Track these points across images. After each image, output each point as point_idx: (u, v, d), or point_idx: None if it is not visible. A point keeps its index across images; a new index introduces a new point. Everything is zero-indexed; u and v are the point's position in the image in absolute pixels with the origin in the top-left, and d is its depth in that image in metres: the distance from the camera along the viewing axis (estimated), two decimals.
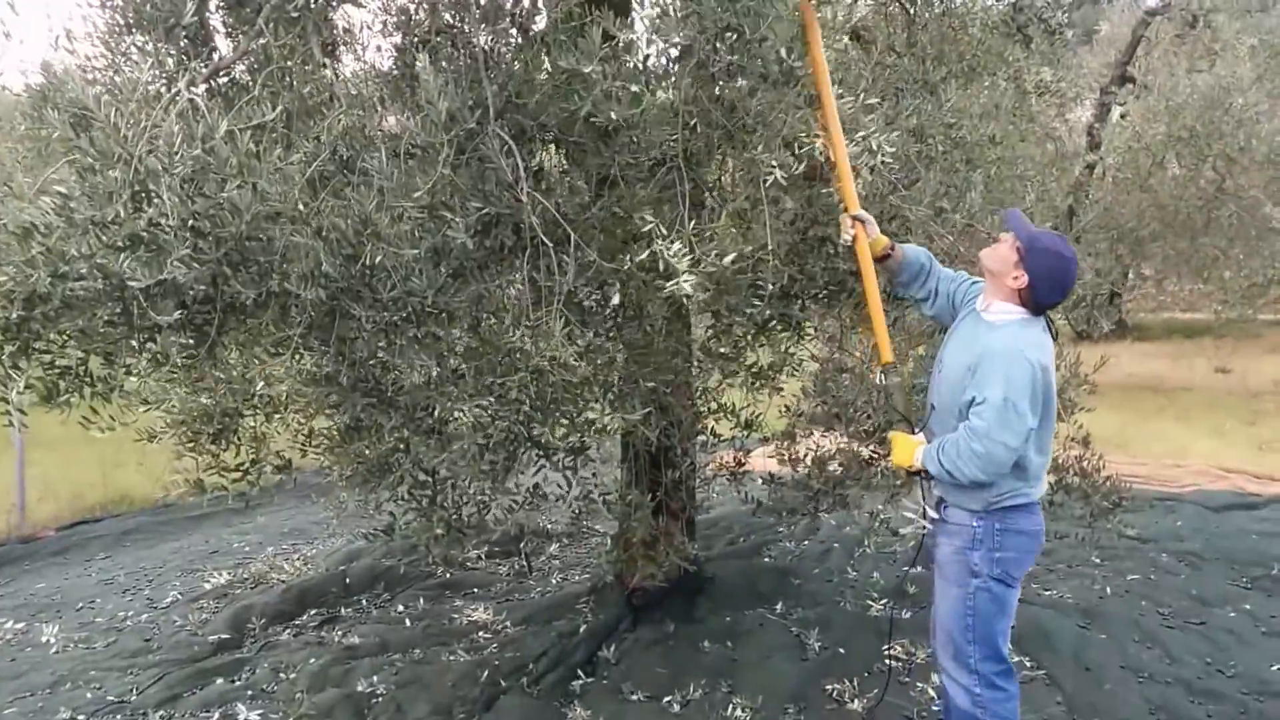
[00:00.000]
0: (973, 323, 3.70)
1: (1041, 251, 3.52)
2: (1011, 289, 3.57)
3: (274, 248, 2.98)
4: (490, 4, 3.94)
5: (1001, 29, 5.39)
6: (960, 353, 3.62)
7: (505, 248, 3.62)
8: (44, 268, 2.76)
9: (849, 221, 3.75)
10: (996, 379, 3.42)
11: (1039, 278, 3.52)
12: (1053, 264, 3.53)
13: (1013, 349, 3.45)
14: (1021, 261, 3.53)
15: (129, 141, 2.83)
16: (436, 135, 3.24)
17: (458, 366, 3.65)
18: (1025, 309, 3.59)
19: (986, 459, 3.43)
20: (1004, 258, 3.57)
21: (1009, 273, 3.56)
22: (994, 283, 3.64)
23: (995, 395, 3.40)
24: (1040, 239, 3.56)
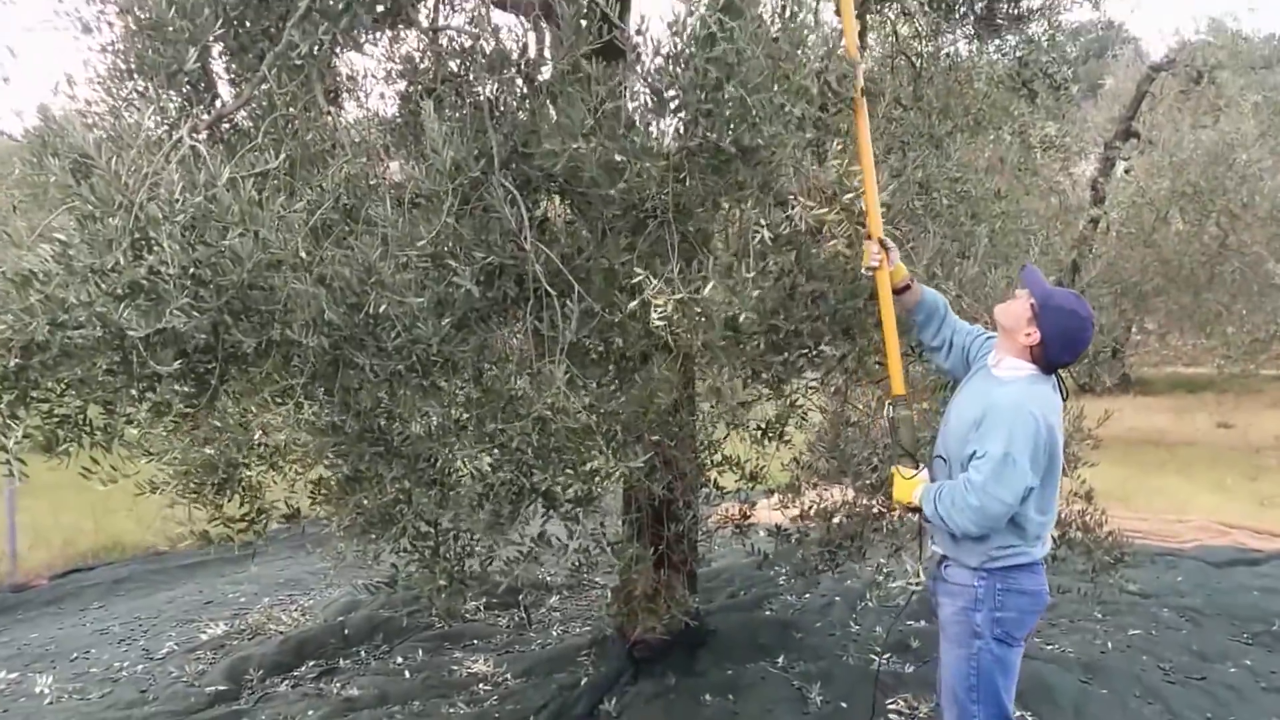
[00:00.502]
0: (982, 378, 3.67)
1: (1056, 310, 3.49)
2: (1023, 345, 3.54)
3: (276, 296, 2.95)
4: (495, 54, 3.94)
5: (1007, 83, 5.41)
6: (967, 407, 3.59)
7: (508, 297, 3.59)
8: (43, 316, 2.73)
9: (875, 247, 3.72)
10: (1000, 434, 3.38)
11: (1052, 336, 3.49)
12: (1067, 323, 3.49)
13: (1019, 405, 3.41)
14: (1035, 319, 3.50)
15: (129, 188, 2.81)
16: (441, 184, 3.22)
17: (460, 416, 3.61)
18: (1036, 366, 3.55)
19: (980, 512, 3.41)
20: (1017, 314, 3.54)
21: (1021, 329, 3.53)
22: (1006, 338, 3.61)
23: (996, 449, 3.37)
24: (1055, 297, 3.53)
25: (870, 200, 3.71)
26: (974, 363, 3.82)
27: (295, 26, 3.35)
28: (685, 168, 3.53)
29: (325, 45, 3.48)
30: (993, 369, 3.64)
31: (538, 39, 4.16)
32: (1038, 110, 5.96)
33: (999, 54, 5.43)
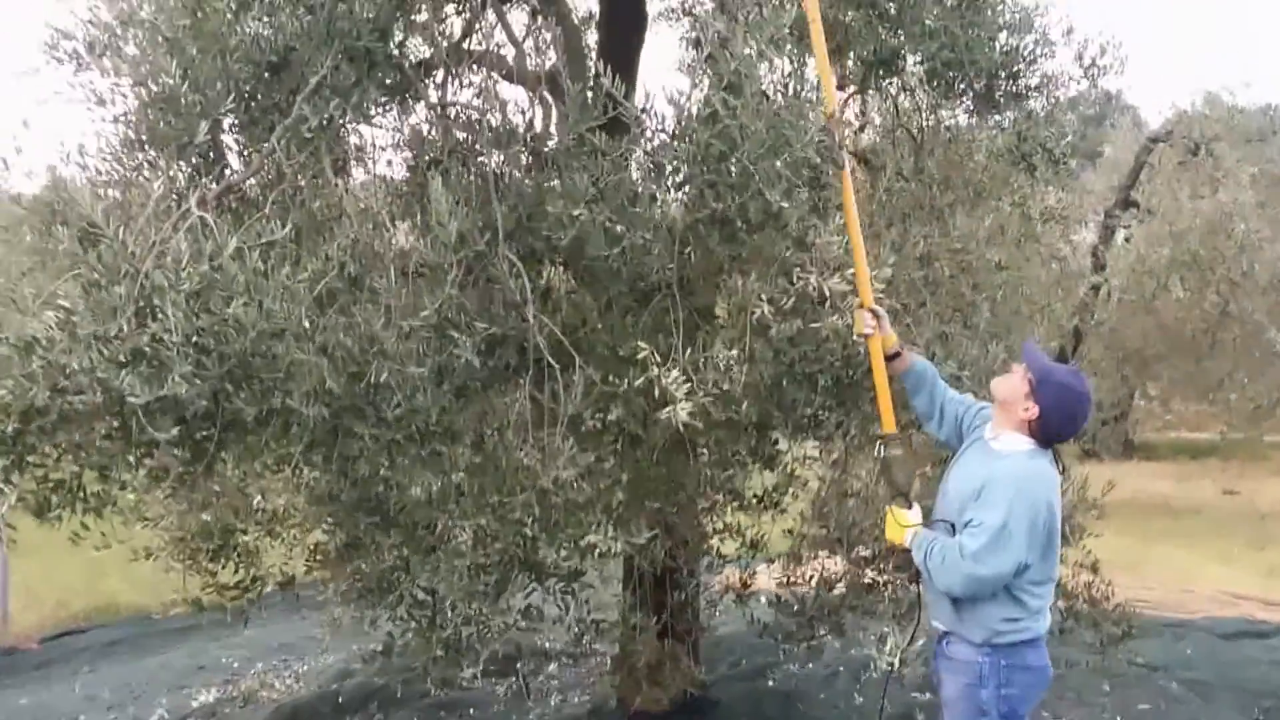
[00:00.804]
0: (980, 450, 3.67)
1: (1054, 385, 3.50)
2: (1021, 419, 3.54)
3: (278, 364, 2.96)
4: (502, 127, 3.99)
5: (1007, 157, 5.45)
6: (965, 479, 3.58)
7: (510, 367, 3.61)
8: (43, 381, 2.74)
9: (867, 316, 3.74)
10: (999, 506, 3.38)
11: (1050, 410, 3.50)
12: (1065, 398, 3.51)
13: (1019, 480, 3.42)
14: (1033, 393, 3.51)
15: (136, 257, 2.84)
16: (446, 256, 3.25)
17: (460, 482, 3.62)
18: (1034, 440, 3.55)
19: (969, 579, 3.42)
20: (1015, 388, 3.55)
21: (1019, 403, 3.53)
22: (1004, 412, 3.61)
23: (994, 520, 3.36)
24: (1053, 372, 3.54)
25: (860, 269, 3.75)
26: (968, 434, 3.82)
27: (306, 100, 3.40)
28: (690, 241, 3.56)
29: (335, 119, 3.53)
30: (990, 442, 3.64)
31: (544, 113, 4.22)
32: (1037, 182, 6.01)
33: (998, 129, 5.48)
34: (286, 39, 3.52)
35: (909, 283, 4.65)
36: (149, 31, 3.47)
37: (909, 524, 3.69)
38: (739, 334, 3.61)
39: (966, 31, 4.52)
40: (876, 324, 3.78)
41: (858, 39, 4.52)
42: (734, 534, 4.99)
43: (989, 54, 4.71)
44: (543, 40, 5.26)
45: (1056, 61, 5.16)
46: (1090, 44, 5.38)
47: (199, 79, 3.35)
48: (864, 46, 4.58)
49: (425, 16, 4.23)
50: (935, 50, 4.52)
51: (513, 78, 4.64)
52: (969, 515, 3.47)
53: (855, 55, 4.78)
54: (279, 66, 3.57)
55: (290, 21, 3.52)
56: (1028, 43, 4.96)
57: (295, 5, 3.57)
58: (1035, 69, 5.07)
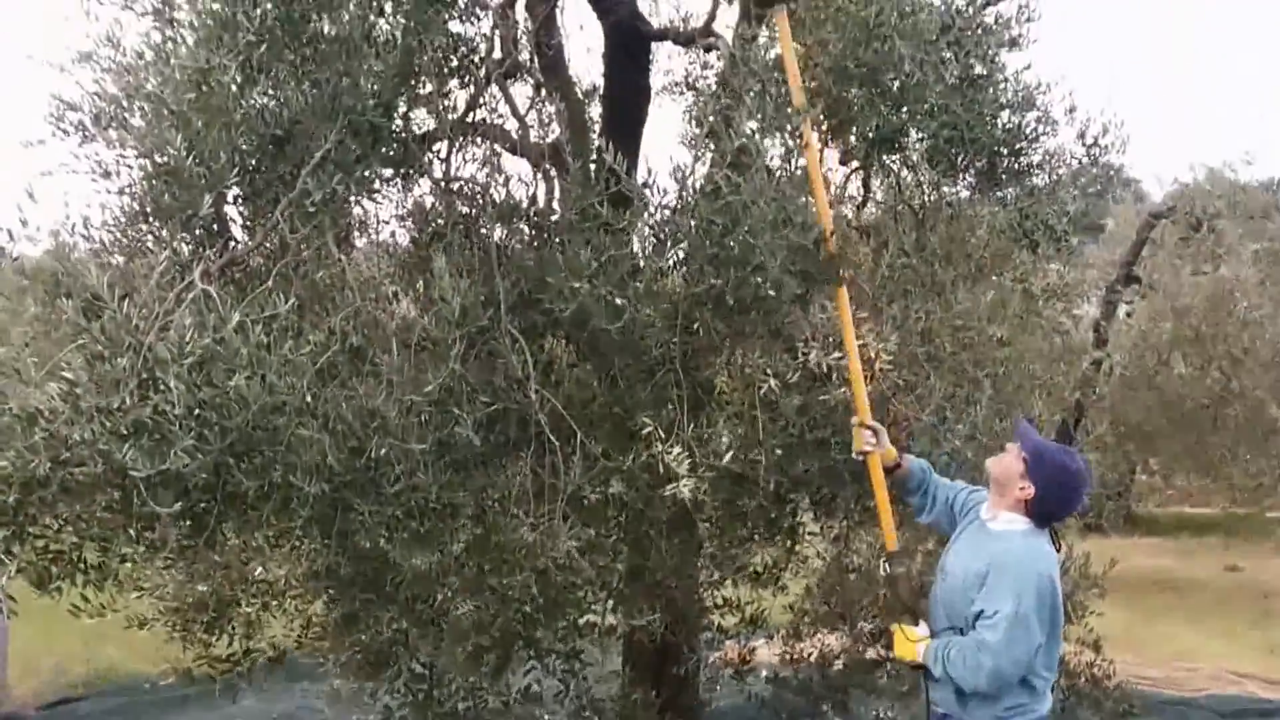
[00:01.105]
0: (977, 530, 3.64)
1: (1048, 464, 3.48)
2: (1017, 499, 3.51)
3: (279, 438, 2.96)
4: (506, 200, 4.02)
5: (1009, 233, 5.48)
6: (966, 561, 3.55)
7: (511, 442, 3.60)
8: (45, 453, 2.74)
9: (866, 433, 3.74)
10: (1007, 592, 3.34)
11: (1045, 489, 3.47)
12: (1060, 477, 3.48)
13: (1022, 561, 3.39)
14: (1028, 473, 3.48)
15: (139, 330, 2.84)
16: (448, 331, 3.25)
17: (460, 555, 3.59)
18: (1031, 520, 3.52)
19: (994, 674, 3.36)
20: (1009, 467, 3.53)
21: (1015, 483, 3.51)
22: (999, 492, 3.58)
23: (1007, 609, 3.32)
24: (1048, 451, 3.52)
25: (857, 384, 3.76)
26: (960, 515, 3.80)
27: (310, 174, 3.43)
28: (693, 315, 3.57)
29: (338, 193, 3.55)
30: (988, 522, 3.61)
31: (548, 188, 4.26)
32: (1039, 259, 6.03)
33: (1000, 205, 5.50)
34: (292, 112, 3.55)
35: (911, 358, 4.64)
36: (155, 104, 3.49)
37: (918, 639, 3.64)
38: (745, 408, 3.60)
39: (968, 110, 4.57)
40: (875, 440, 3.78)
41: (860, 116, 4.56)
42: (734, 609, 4.94)
43: (991, 132, 4.75)
44: (546, 114, 5.32)
45: (1059, 139, 5.21)
46: (1092, 122, 5.41)
47: (204, 152, 3.37)
48: (866, 123, 4.62)
49: (429, 90, 4.28)
50: (937, 128, 4.56)
51: (516, 150, 4.68)
52: (978, 606, 3.42)
53: (858, 132, 4.82)
54: (283, 140, 3.60)
55: (295, 95, 3.56)
56: (1030, 121, 5.01)
57: (300, 79, 3.61)
58: (1037, 146, 5.11)
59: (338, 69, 3.67)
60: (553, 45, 5.13)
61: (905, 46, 4.17)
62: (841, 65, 4.22)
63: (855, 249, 3.98)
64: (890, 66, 4.25)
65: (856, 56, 4.22)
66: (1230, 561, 16.16)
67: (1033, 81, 4.97)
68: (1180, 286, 13.15)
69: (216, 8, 3.51)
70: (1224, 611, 12.65)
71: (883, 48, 4.22)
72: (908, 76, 4.28)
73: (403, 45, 3.88)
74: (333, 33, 3.68)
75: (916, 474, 3.92)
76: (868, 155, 5.04)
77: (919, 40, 4.23)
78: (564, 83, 5.21)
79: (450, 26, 4.24)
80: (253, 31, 3.47)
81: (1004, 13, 4.87)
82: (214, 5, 3.52)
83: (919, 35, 4.24)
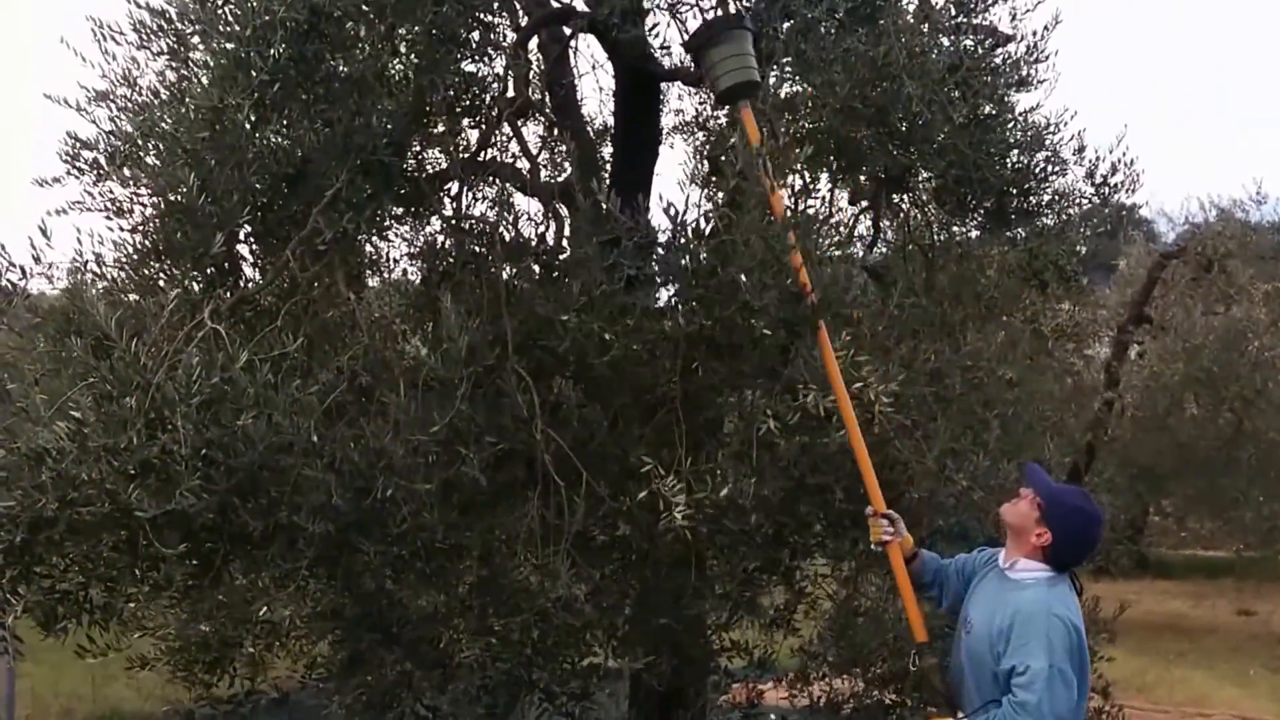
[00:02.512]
0: (997, 580, 3.56)
1: (1064, 508, 3.43)
2: (1034, 545, 3.45)
3: (285, 478, 2.96)
4: (515, 240, 4.03)
5: (1018, 273, 5.47)
6: (989, 613, 3.46)
7: (518, 482, 3.59)
8: (52, 492, 2.74)
9: (883, 524, 3.69)
10: (1038, 646, 3.23)
11: (1062, 535, 3.41)
12: (1077, 522, 3.43)
13: (1047, 611, 3.29)
14: (1044, 519, 3.43)
15: (148, 369, 2.85)
16: (456, 371, 3.25)
17: (465, 597, 3.57)
18: (1049, 566, 3.47)
19: None
20: (1024, 514, 3.47)
21: (1031, 529, 3.44)
22: (1016, 540, 3.53)
23: (1040, 664, 3.20)
24: (1062, 495, 3.48)
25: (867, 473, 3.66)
26: (972, 572, 3.74)
27: (321, 213, 3.44)
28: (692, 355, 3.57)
29: (350, 231, 3.57)
30: (1007, 571, 3.54)
31: (557, 227, 4.27)
32: (1049, 299, 6.02)
33: (1009, 245, 5.49)
34: (304, 151, 3.57)
35: (919, 399, 4.62)
36: (169, 142, 3.51)
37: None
38: (745, 448, 3.59)
39: (977, 150, 4.56)
40: (893, 529, 3.71)
41: (869, 156, 4.57)
42: (741, 652, 4.89)
43: (1000, 172, 4.75)
44: (558, 153, 5.35)
45: (1068, 178, 5.20)
46: (1102, 161, 5.38)
47: (216, 190, 3.39)
48: (875, 163, 4.63)
49: (441, 129, 4.30)
50: (945, 168, 4.56)
51: (527, 189, 4.70)
52: (1008, 663, 3.30)
53: (866, 171, 4.83)
54: (295, 178, 3.62)
55: (308, 134, 3.58)
56: (1039, 161, 5.00)
57: (313, 118, 3.63)
58: (1046, 186, 5.10)
59: (350, 108, 3.69)
60: (565, 85, 5.17)
61: (914, 86, 4.18)
62: (849, 105, 4.23)
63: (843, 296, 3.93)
64: (898, 106, 4.25)
65: (864, 96, 4.23)
66: (1243, 605, 16.01)
67: (1042, 121, 4.96)
68: (1192, 327, 13.09)
69: (231, 48, 3.53)
70: (1237, 656, 12.52)
71: (891, 87, 4.23)
72: (916, 116, 4.28)
73: (415, 85, 3.91)
74: (346, 72, 3.70)
75: (930, 566, 3.84)
76: (876, 194, 5.05)
77: (927, 80, 4.24)
78: (576, 122, 5.24)
79: (463, 66, 4.27)
80: (266, 71, 3.49)
81: (1013, 53, 4.88)
82: (228, 45, 3.54)
83: (927, 75, 4.24)
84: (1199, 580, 18.57)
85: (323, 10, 3.52)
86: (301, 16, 3.48)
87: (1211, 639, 13.73)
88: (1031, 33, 4.88)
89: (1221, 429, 13.58)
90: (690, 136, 6.64)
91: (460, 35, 4.04)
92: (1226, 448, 13.66)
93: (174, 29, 3.92)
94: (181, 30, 3.89)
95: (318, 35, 3.55)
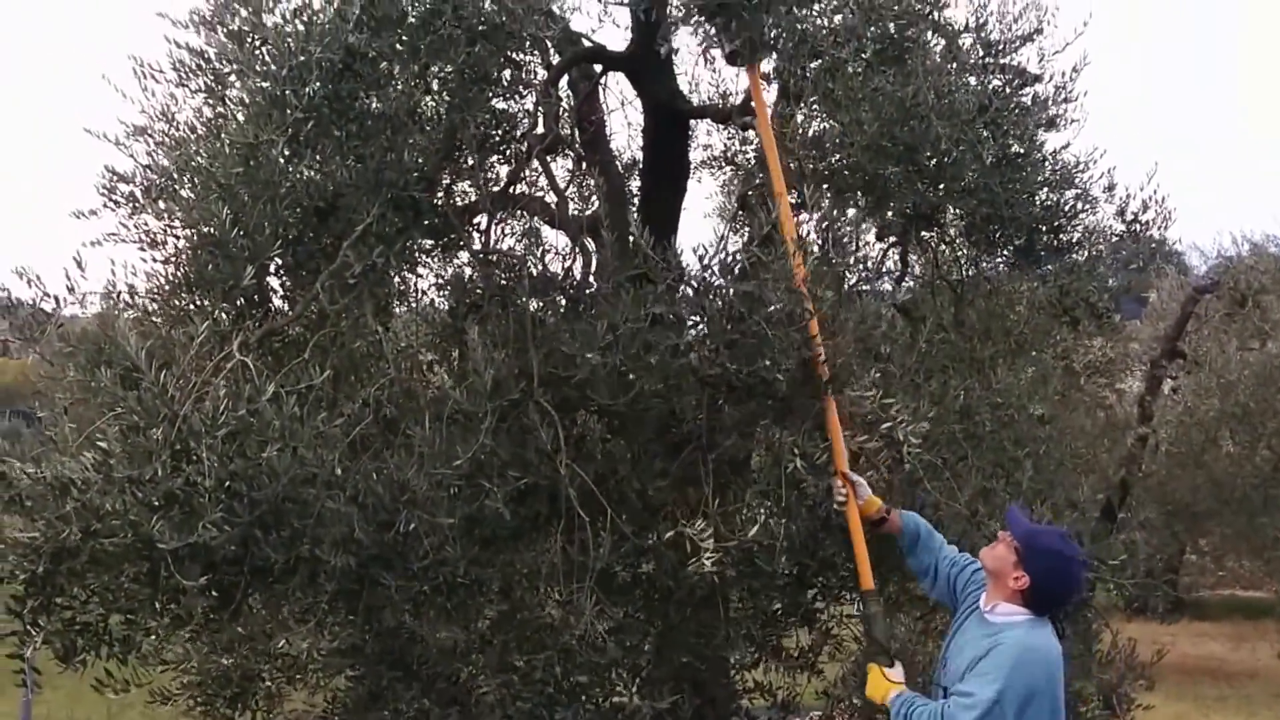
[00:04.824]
0: (977, 621, 3.51)
1: (1041, 551, 3.36)
2: (1013, 590, 3.39)
3: (308, 511, 2.97)
4: (542, 273, 4.05)
5: (1049, 310, 5.44)
6: (966, 652, 3.42)
7: (541, 516, 3.59)
8: (76, 523, 2.76)
9: (840, 482, 3.68)
10: (994, 680, 3.19)
11: (1041, 578, 3.34)
12: (1054, 565, 3.36)
13: (1019, 653, 3.24)
14: (1021, 562, 3.38)
15: (175, 400, 2.87)
16: (481, 404, 3.26)
17: (486, 633, 3.57)
18: (1029, 610, 3.41)
19: None
20: (1002, 557, 3.41)
21: (1009, 573, 3.38)
22: (995, 583, 3.46)
23: (986, 694, 3.17)
24: (1039, 537, 3.41)
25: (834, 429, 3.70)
26: (961, 595, 3.69)
27: (351, 247, 3.47)
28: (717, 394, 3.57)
29: (379, 265, 3.60)
30: (986, 614, 3.48)
31: (584, 261, 4.29)
32: (1080, 336, 5.97)
33: (1039, 280, 5.45)
34: (335, 186, 3.61)
35: (949, 436, 4.59)
36: (204, 177, 3.56)
37: (892, 682, 3.56)
38: (772, 487, 3.58)
39: (1006, 188, 4.55)
40: (852, 492, 3.71)
41: (897, 193, 4.57)
42: (765, 694, 4.84)
43: (1029, 210, 4.72)
44: (586, 187, 5.38)
45: (1098, 215, 5.16)
46: (1133, 199, 5.34)
47: (249, 224, 3.43)
48: (903, 200, 4.62)
49: (471, 163, 4.34)
50: (974, 206, 4.55)
51: (555, 223, 4.72)
52: (963, 686, 3.31)
53: (894, 208, 4.82)
54: (327, 212, 3.66)
55: (340, 169, 3.62)
56: (1068, 198, 4.97)
57: (345, 154, 3.68)
58: (1076, 224, 5.07)
59: (382, 144, 3.74)
60: (594, 121, 5.20)
61: (942, 126, 4.18)
62: (877, 143, 4.23)
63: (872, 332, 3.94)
64: (927, 145, 4.25)
65: (893, 135, 4.24)
66: None
67: (1071, 160, 4.94)
68: (1226, 362, 12.94)
69: (267, 86, 3.59)
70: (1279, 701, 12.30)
71: (919, 126, 4.23)
72: (944, 155, 4.28)
73: (447, 122, 3.95)
74: (379, 109, 3.74)
75: (910, 530, 3.79)
76: (905, 231, 5.04)
77: (956, 120, 4.23)
78: (605, 157, 5.26)
79: (494, 103, 4.31)
80: (301, 109, 3.54)
81: (1041, 93, 4.87)
82: (264, 84, 3.59)
83: (956, 115, 4.24)
84: (1238, 621, 18.28)
85: (358, 50, 3.57)
86: (337, 56, 3.53)
87: (1252, 684, 13.50)
88: (1060, 73, 4.86)
89: (1259, 466, 13.39)
90: (719, 171, 6.68)
91: (492, 74, 4.08)
92: (1264, 485, 13.46)
93: (212, 68, 3.98)
94: (219, 69, 3.96)
95: (352, 74, 3.60)
